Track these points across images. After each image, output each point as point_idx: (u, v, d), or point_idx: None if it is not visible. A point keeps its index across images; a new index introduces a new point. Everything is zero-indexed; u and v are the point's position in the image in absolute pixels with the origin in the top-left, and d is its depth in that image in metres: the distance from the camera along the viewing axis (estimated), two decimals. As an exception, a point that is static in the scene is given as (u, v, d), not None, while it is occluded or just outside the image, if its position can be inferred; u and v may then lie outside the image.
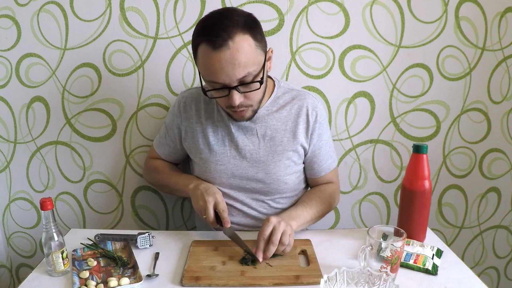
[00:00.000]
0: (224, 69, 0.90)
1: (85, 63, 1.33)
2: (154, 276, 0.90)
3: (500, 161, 1.44)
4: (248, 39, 0.91)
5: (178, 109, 1.15)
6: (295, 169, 1.13)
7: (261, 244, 0.93)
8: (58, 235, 0.90)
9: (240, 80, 0.92)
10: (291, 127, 1.10)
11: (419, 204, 1.00)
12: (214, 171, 1.11)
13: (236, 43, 0.89)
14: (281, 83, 1.14)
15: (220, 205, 1.02)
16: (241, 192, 1.13)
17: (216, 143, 1.11)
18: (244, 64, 0.90)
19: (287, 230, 0.93)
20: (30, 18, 1.30)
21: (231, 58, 0.89)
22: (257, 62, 0.94)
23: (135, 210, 1.46)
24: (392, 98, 1.36)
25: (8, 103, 1.38)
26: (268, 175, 1.10)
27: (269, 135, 1.09)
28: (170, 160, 1.26)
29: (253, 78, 0.94)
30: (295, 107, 1.10)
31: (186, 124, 1.14)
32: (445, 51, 1.32)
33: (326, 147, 1.15)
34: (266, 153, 1.10)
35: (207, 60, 0.91)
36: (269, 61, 1.03)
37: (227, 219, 1.00)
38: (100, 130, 1.39)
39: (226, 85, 0.93)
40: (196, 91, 1.16)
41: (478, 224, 1.50)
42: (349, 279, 0.78)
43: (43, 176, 1.44)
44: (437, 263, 0.93)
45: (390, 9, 1.28)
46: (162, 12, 1.28)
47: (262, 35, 0.97)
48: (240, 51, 0.89)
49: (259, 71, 0.95)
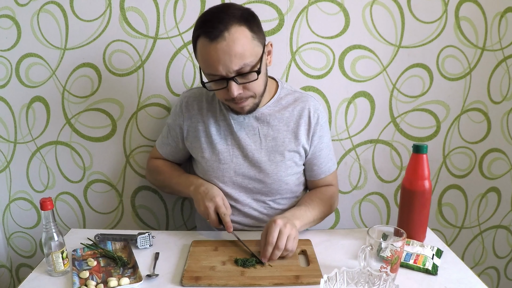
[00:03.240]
0: (221, 60, 0.92)
1: (85, 63, 1.33)
2: (154, 276, 0.90)
3: (500, 161, 1.44)
4: (244, 31, 0.93)
5: (180, 109, 1.15)
6: (296, 170, 1.13)
7: (269, 249, 0.92)
8: (58, 235, 0.90)
9: (237, 71, 0.94)
10: (293, 128, 1.10)
11: (419, 204, 1.00)
12: (216, 169, 1.11)
13: (232, 34, 0.91)
14: (284, 85, 1.15)
15: (221, 209, 1.02)
16: (242, 192, 1.13)
17: (218, 142, 1.11)
18: (240, 55, 0.92)
19: (292, 234, 0.94)
20: (30, 18, 1.30)
21: (228, 49, 0.91)
22: (254, 54, 0.95)
23: (135, 210, 1.46)
24: (392, 98, 1.36)
25: (8, 103, 1.38)
26: (269, 175, 1.10)
27: (271, 135, 1.10)
28: (172, 160, 1.26)
29: (250, 69, 0.95)
30: (298, 108, 1.10)
31: (188, 124, 1.14)
32: (445, 51, 1.32)
33: (327, 149, 1.16)
34: (267, 153, 1.10)
35: (205, 52, 0.93)
36: (270, 56, 1.04)
37: (228, 223, 1.01)
38: (100, 130, 1.39)
39: (224, 77, 0.94)
40: (198, 90, 1.16)
41: (478, 224, 1.50)
42: (349, 279, 0.78)
43: (43, 176, 1.44)
44: (437, 263, 0.93)
45: (390, 9, 1.28)
46: (162, 12, 1.28)
47: (259, 28, 0.98)
48: (236, 42, 0.91)
49: (257, 62, 0.95)
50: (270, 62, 1.05)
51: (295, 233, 0.95)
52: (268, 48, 1.03)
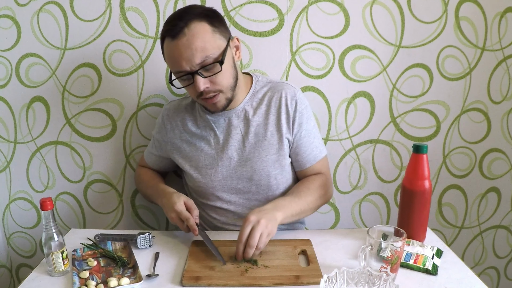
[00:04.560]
0: (183, 55, 0.95)
1: (85, 63, 1.33)
2: (154, 276, 0.90)
3: (500, 161, 1.44)
4: (204, 25, 0.96)
5: (163, 121, 1.18)
6: (283, 163, 1.12)
7: (240, 248, 0.91)
8: (58, 235, 0.90)
9: (201, 64, 0.96)
10: (273, 120, 1.10)
11: (419, 204, 0.99)
12: (205, 175, 1.12)
13: (191, 29, 0.94)
14: (259, 78, 1.15)
15: (182, 215, 1.00)
16: (234, 194, 1.13)
17: (202, 148, 1.12)
18: (201, 48, 0.94)
19: (266, 231, 0.91)
20: (30, 18, 1.30)
21: (188, 43, 0.94)
22: (216, 46, 0.97)
23: (135, 210, 1.46)
24: (392, 98, 1.36)
25: (8, 103, 1.38)
26: (256, 171, 1.10)
27: (253, 132, 1.10)
28: (157, 169, 1.29)
29: (213, 61, 0.97)
30: (274, 98, 1.10)
31: (171, 135, 1.16)
32: (445, 51, 1.32)
33: (309, 137, 1.12)
34: (252, 150, 1.10)
35: (169, 50, 0.97)
36: (238, 51, 1.06)
37: (193, 227, 1.00)
38: (100, 130, 1.39)
39: (189, 72, 0.97)
40: (178, 102, 1.20)
41: (478, 224, 1.50)
42: (349, 279, 0.78)
43: (43, 176, 1.44)
44: (437, 263, 0.93)
45: (390, 9, 1.28)
46: (162, 12, 1.28)
47: (221, 23, 1.01)
48: (196, 36, 0.94)
49: (219, 54, 0.97)
50: (239, 57, 1.07)
51: (270, 229, 0.92)
52: (235, 43, 1.05)
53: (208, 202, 1.16)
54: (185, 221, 1.00)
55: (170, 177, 1.40)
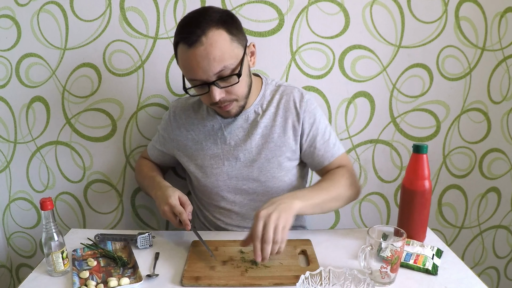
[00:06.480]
0: (200, 64, 0.91)
1: (85, 63, 1.33)
2: (154, 276, 0.90)
3: (500, 161, 1.44)
4: (222, 34, 0.91)
5: (169, 119, 1.17)
6: (290, 165, 1.12)
7: (257, 245, 0.85)
8: (58, 235, 0.90)
9: (218, 74, 0.93)
10: (281, 122, 1.09)
11: (419, 204, 0.99)
12: (210, 174, 1.12)
13: (209, 38, 0.90)
14: (268, 81, 1.14)
15: (175, 209, 1.00)
16: (238, 194, 1.13)
17: (209, 147, 1.11)
18: (219, 58, 0.91)
19: (280, 224, 0.85)
20: (30, 18, 1.30)
21: (206, 53, 0.90)
22: (234, 56, 0.94)
23: (135, 210, 1.46)
24: (392, 98, 1.36)
25: (8, 103, 1.38)
26: (263, 173, 1.10)
27: (260, 133, 1.09)
28: (159, 163, 1.28)
29: (231, 72, 0.94)
30: (283, 101, 1.09)
31: (177, 133, 1.15)
32: (445, 51, 1.32)
33: (323, 135, 1.10)
34: (258, 151, 1.09)
35: (184, 58, 0.93)
36: (253, 56, 1.04)
37: (185, 221, 0.99)
38: (100, 130, 1.39)
39: (205, 81, 0.94)
40: (185, 100, 1.18)
41: (478, 224, 1.50)
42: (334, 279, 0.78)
43: (43, 176, 1.44)
44: (437, 263, 0.93)
45: (390, 9, 1.28)
46: (162, 12, 1.28)
47: (239, 30, 0.97)
48: (214, 45, 0.90)
49: (237, 64, 0.94)
50: (254, 63, 1.04)
51: (284, 220, 0.86)
52: (251, 49, 1.02)
53: (213, 202, 1.16)
54: (178, 215, 0.99)
55: (170, 177, 1.40)
